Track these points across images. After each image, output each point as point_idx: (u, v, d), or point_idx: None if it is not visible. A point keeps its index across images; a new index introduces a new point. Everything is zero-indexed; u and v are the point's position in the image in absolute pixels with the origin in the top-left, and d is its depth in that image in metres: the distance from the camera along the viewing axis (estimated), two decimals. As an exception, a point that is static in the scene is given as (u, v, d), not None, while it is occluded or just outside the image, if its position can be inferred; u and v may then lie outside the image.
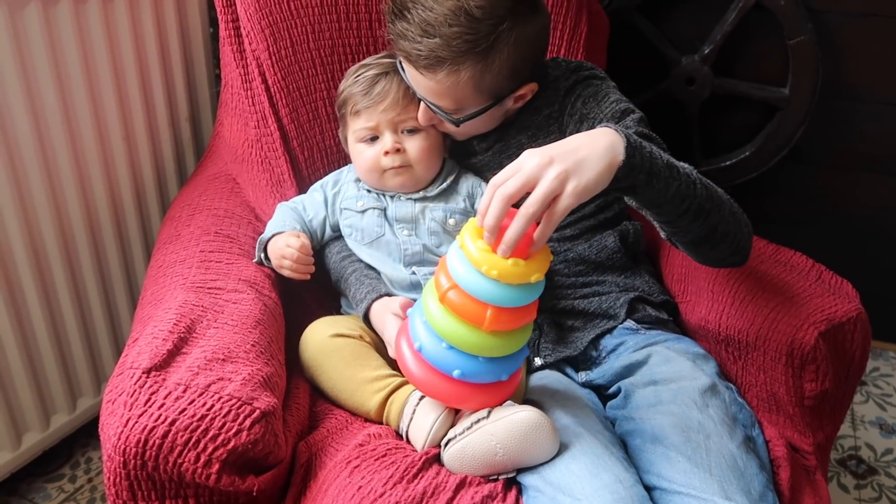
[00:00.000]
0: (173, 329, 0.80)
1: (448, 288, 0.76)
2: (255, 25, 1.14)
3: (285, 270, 1.00)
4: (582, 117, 0.99)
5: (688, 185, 0.78)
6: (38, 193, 1.12)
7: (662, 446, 0.81)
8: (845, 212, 1.60)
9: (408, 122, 1.02)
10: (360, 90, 1.02)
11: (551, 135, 1.02)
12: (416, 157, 1.02)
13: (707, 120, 1.54)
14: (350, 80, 1.04)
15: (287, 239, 1.00)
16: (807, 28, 1.39)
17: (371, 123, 1.02)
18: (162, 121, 1.32)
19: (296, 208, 1.08)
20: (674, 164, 0.77)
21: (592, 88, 1.00)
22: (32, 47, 1.06)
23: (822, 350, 0.87)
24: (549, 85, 1.04)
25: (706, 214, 0.80)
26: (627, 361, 0.95)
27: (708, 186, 0.81)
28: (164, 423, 0.69)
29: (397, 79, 1.01)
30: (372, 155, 1.02)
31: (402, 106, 1.01)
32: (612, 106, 0.95)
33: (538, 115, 1.04)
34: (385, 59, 1.05)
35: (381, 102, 1.00)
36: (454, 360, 0.79)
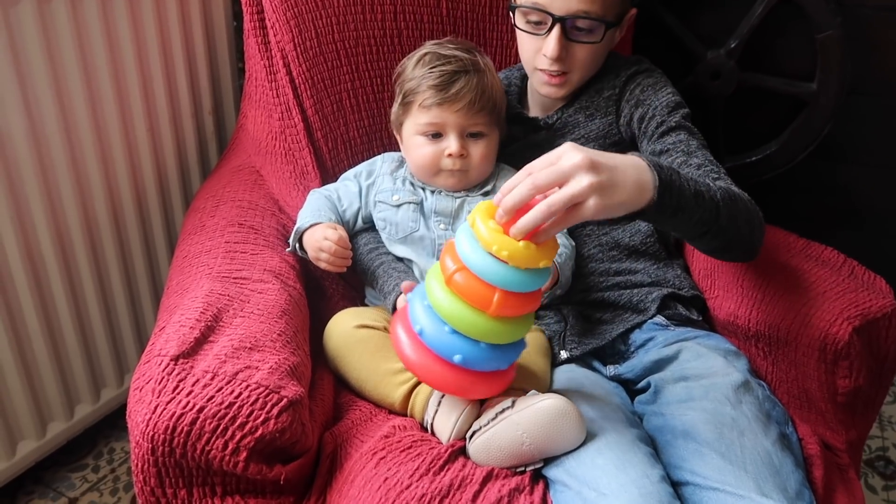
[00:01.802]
0: (200, 317, 0.80)
1: (455, 270, 0.74)
2: (281, 17, 1.13)
3: (322, 263, 1.00)
4: (638, 102, 1.02)
5: (711, 211, 0.78)
6: (64, 185, 1.13)
7: (695, 442, 0.79)
8: (873, 209, 1.58)
9: (475, 126, 1.00)
10: (436, 84, 0.98)
11: (608, 115, 1.05)
12: (476, 162, 1.01)
13: (732, 115, 1.52)
14: (423, 69, 1.00)
15: (325, 231, 0.99)
16: (835, 22, 1.37)
17: (439, 121, 0.99)
18: (186, 113, 1.33)
19: (330, 197, 1.08)
20: (701, 193, 0.77)
21: (652, 79, 1.04)
22: (61, 41, 1.07)
23: (857, 346, 0.85)
24: (611, 70, 1.07)
25: (724, 232, 0.82)
26: (657, 356, 0.94)
27: (730, 204, 0.82)
28: (193, 411, 0.69)
29: (476, 79, 0.98)
30: (432, 152, 1.01)
31: (476, 110, 0.98)
32: (668, 97, 1.01)
33: (598, 97, 1.06)
34: (463, 54, 1.00)
35: (455, 103, 0.97)
36: (456, 345, 0.76)
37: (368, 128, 1.20)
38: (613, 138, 1.06)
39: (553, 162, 0.69)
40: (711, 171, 0.92)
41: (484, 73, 0.99)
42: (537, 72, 1.05)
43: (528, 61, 1.06)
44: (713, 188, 0.80)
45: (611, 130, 1.05)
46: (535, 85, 1.09)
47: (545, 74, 1.03)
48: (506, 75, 1.19)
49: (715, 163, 0.95)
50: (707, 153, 0.96)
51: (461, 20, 1.23)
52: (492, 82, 1.00)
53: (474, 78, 0.98)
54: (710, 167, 0.93)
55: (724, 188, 0.83)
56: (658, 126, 1.00)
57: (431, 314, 0.78)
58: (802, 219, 1.60)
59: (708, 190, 0.79)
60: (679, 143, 0.97)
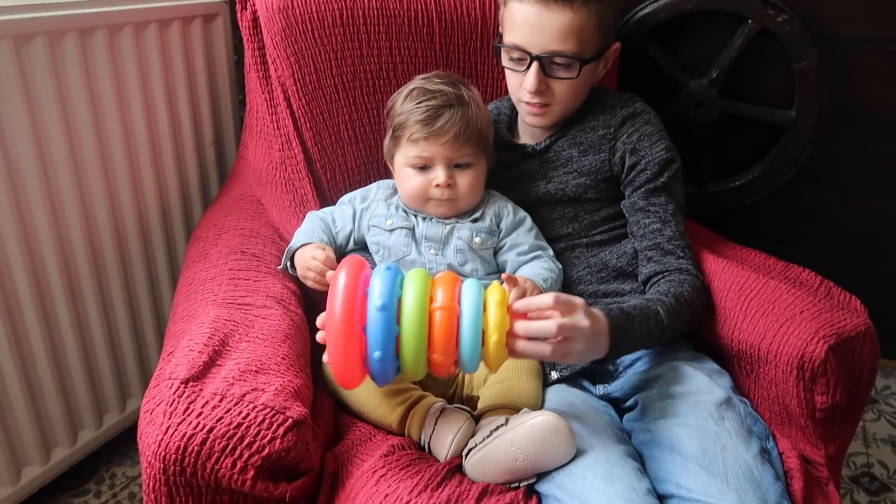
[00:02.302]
0: (208, 342, 0.84)
1: (445, 306, 0.77)
2: (281, 52, 1.19)
3: (309, 281, 1.04)
4: (634, 150, 1.09)
5: (658, 337, 0.95)
6: (71, 214, 1.17)
7: (680, 456, 0.83)
8: (853, 231, 1.63)
9: (462, 157, 1.04)
10: (422, 119, 1.02)
11: (602, 153, 1.11)
12: (464, 191, 1.05)
13: (716, 141, 1.57)
14: (410, 105, 1.04)
15: (313, 251, 1.03)
16: (811, 52, 1.43)
17: (426, 154, 1.03)
18: (188, 145, 1.37)
19: (325, 219, 1.12)
20: (649, 332, 0.93)
21: (650, 128, 1.11)
22: (70, 76, 1.11)
23: (833, 363, 0.89)
24: (605, 108, 1.13)
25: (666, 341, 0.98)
26: (645, 375, 0.98)
27: (676, 319, 0.97)
28: (203, 431, 0.72)
29: (461, 112, 1.03)
30: (420, 183, 1.05)
31: (461, 142, 1.02)
32: (661, 153, 1.09)
33: (593, 134, 1.11)
34: (448, 88, 1.04)
35: (441, 136, 1.02)
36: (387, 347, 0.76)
37: (365, 158, 1.25)
38: (605, 174, 1.11)
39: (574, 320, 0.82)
40: (678, 246, 1.06)
41: (468, 106, 1.04)
42: (521, 103, 1.11)
43: (514, 94, 1.13)
44: (663, 317, 0.95)
45: (602, 167, 1.11)
46: (522, 115, 1.15)
47: (528, 106, 1.10)
48: (496, 105, 1.24)
49: (683, 235, 1.08)
50: (680, 221, 1.09)
51: (454, 54, 1.28)
52: (476, 114, 1.05)
53: (458, 111, 1.03)
54: (678, 241, 1.07)
55: (675, 303, 0.97)
56: (647, 181, 1.08)
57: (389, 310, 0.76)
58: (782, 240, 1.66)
59: (658, 324, 0.94)
60: (658, 209, 1.08)
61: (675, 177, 1.10)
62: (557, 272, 1.07)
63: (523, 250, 1.08)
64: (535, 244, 1.09)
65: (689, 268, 1.04)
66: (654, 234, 1.07)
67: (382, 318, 0.75)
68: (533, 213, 1.13)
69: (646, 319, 0.93)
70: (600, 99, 1.15)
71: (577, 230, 1.13)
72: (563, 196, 1.12)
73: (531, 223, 1.11)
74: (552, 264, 1.08)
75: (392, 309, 0.76)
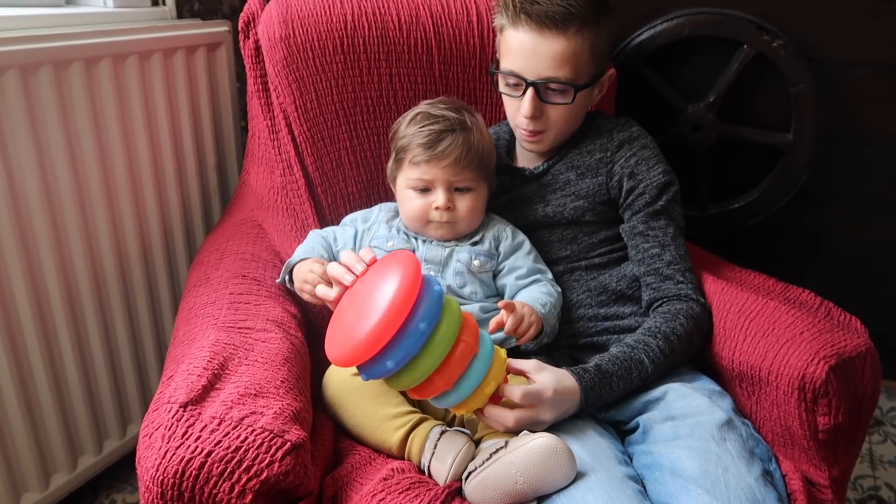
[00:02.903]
0: (207, 366, 0.84)
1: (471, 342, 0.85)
2: (283, 80, 1.20)
3: (305, 294, 1.04)
4: (632, 174, 1.11)
5: (643, 381, 0.98)
6: (74, 239, 1.18)
7: (682, 479, 0.83)
8: (854, 253, 1.63)
9: (463, 181, 1.06)
10: (424, 142, 1.04)
11: (599, 176, 1.12)
12: (463, 214, 1.07)
13: (715, 164, 1.58)
14: (414, 128, 1.06)
15: (311, 265, 1.04)
16: (807, 77, 1.45)
17: (427, 177, 1.05)
18: (191, 170, 1.39)
19: (326, 237, 1.13)
20: (630, 380, 0.97)
21: (648, 152, 1.12)
22: (75, 102, 1.13)
23: (834, 384, 0.89)
24: (602, 133, 1.14)
25: (658, 381, 1.00)
26: (645, 398, 0.98)
27: (666, 358, 0.99)
28: (201, 455, 0.72)
29: (462, 137, 1.04)
30: (421, 205, 1.06)
31: (462, 166, 1.04)
32: (659, 177, 1.10)
33: (590, 158, 1.13)
34: (451, 114, 1.06)
35: (442, 160, 1.03)
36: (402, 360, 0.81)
37: (366, 183, 1.26)
38: (602, 197, 1.12)
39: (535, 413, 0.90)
40: (677, 270, 1.07)
41: (470, 132, 1.05)
42: (518, 129, 1.13)
43: (511, 119, 1.15)
44: (647, 364, 0.97)
45: (600, 190, 1.12)
46: (519, 140, 1.17)
47: (524, 132, 1.11)
48: (495, 130, 1.25)
49: (683, 259, 1.09)
50: (680, 244, 1.10)
51: (453, 81, 1.30)
52: (478, 139, 1.06)
53: (460, 136, 1.04)
54: (678, 265, 1.08)
55: (664, 343, 0.99)
56: (646, 205, 1.09)
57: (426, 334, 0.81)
58: (783, 261, 1.66)
59: (640, 372, 0.97)
60: (658, 233, 1.09)
61: (673, 199, 1.11)
62: (556, 296, 1.07)
63: (522, 274, 1.08)
64: (533, 268, 1.10)
65: (688, 293, 1.05)
66: (653, 259, 1.08)
67: (418, 338, 0.81)
68: (532, 235, 1.14)
69: (626, 373, 0.96)
70: (597, 123, 1.16)
71: (575, 252, 1.14)
72: (561, 218, 1.13)
73: (530, 246, 1.12)
74: (551, 288, 1.08)
75: (427, 336, 0.81)
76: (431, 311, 0.81)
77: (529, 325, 0.98)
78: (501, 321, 0.95)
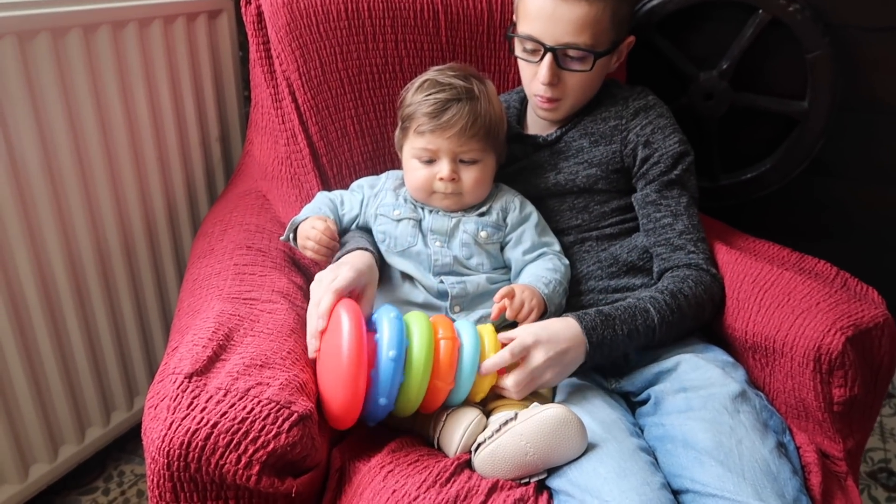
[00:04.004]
0: (212, 336, 0.83)
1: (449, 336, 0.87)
2: (286, 47, 1.18)
3: (308, 251, 1.03)
4: (647, 143, 1.08)
5: (647, 336, 0.95)
6: (76, 212, 1.17)
7: (694, 451, 0.81)
8: (868, 223, 1.60)
9: (468, 152, 1.03)
10: (429, 112, 1.01)
11: (613, 144, 1.10)
12: (468, 186, 1.04)
13: (727, 134, 1.55)
14: (419, 96, 1.03)
15: (313, 221, 1.03)
16: (824, 42, 1.41)
17: (432, 147, 1.02)
18: (194, 141, 1.37)
19: (333, 200, 1.11)
20: (635, 330, 0.94)
21: (664, 120, 1.10)
22: (74, 71, 1.11)
23: (850, 356, 0.87)
24: (617, 100, 1.12)
25: (663, 342, 0.98)
26: (657, 369, 0.96)
27: (671, 319, 0.96)
28: (207, 426, 0.71)
29: (469, 107, 1.01)
30: (425, 175, 1.04)
31: (468, 136, 1.01)
32: (675, 146, 1.08)
33: (604, 125, 1.11)
34: (459, 82, 1.02)
35: (447, 130, 1.00)
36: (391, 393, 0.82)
37: (372, 152, 1.24)
38: (616, 166, 1.10)
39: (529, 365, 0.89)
40: (689, 240, 1.05)
41: (477, 101, 1.02)
42: (534, 95, 1.10)
43: (526, 85, 1.12)
44: (653, 314, 0.95)
45: (614, 158, 1.09)
46: (533, 107, 1.14)
47: (539, 98, 1.08)
48: (505, 98, 1.22)
49: (696, 229, 1.07)
50: (693, 214, 1.08)
51: (460, 47, 1.27)
52: (486, 109, 1.03)
53: (466, 105, 1.01)
54: (689, 235, 1.06)
55: (671, 299, 0.97)
56: (660, 175, 1.07)
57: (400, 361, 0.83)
58: (796, 232, 1.63)
59: (645, 320, 0.95)
60: (671, 202, 1.07)
61: (688, 170, 1.09)
62: (563, 270, 1.05)
63: (528, 248, 1.06)
64: (540, 241, 1.08)
65: (698, 262, 1.03)
66: (664, 229, 1.06)
67: (394, 367, 0.82)
68: (542, 204, 1.12)
69: (631, 318, 0.94)
70: (612, 91, 1.14)
71: (586, 221, 1.12)
72: (573, 187, 1.11)
73: (538, 218, 1.10)
74: (557, 262, 1.06)
75: (402, 359, 0.83)
76: (395, 339, 0.83)
77: (531, 310, 0.96)
78: (503, 308, 0.94)
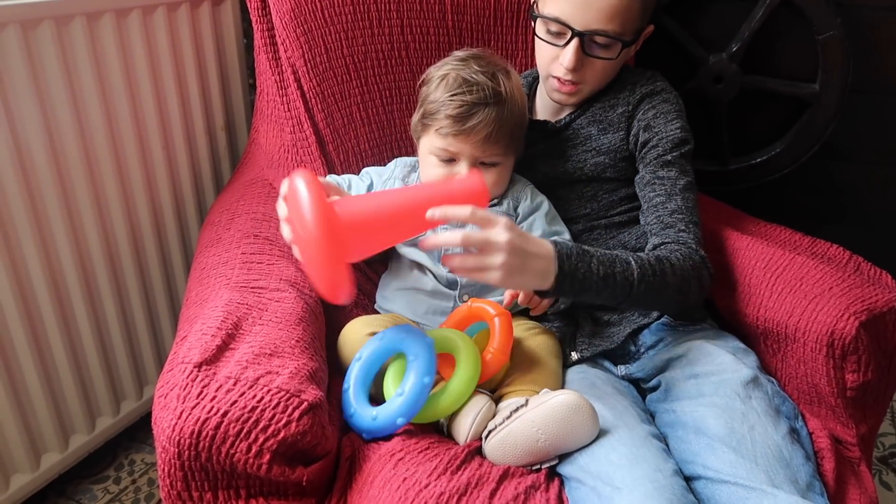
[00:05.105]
0: (221, 325, 0.82)
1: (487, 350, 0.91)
2: (291, 33, 1.16)
3: None
4: (648, 126, 1.05)
5: (623, 289, 0.88)
6: (83, 202, 1.16)
7: (706, 437, 0.81)
8: (877, 206, 1.59)
9: (490, 157, 1.01)
10: (453, 115, 0.97)
11: (620, 131, 1.07)
12: None
13: (736, 117, 1.53)
14: (443, 94, 0.99)
15: None
16: (835, 23, 1.39)
17: (453, 149, 1.00)
18: (199, 130, 1.36)
19: (341, 183, 1.10)
20: (611, 276, 0.87)
21: (668, 106, 1.06)
22: (77, 60, 1.10)
23: (864, 340, 0.86)
24: (625, 86, 1.09)
25: (639, 304, 0.93)
26: (667, 355, 0.96)
27: (652, 281, 0.89)
28: (217, 415, 0.71)
29: (495, 113, 0.97)
30: (443, 174, 1.02)
31: (492, 143, 0.98)
32: (676, 132, 1.04)
33: (612, 112, 1.08)
34: (486, 81, 0.98)
35: (471, 136, 0.97)
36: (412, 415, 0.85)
37: (379, 139, 1.23)
38: (623, 153, 1.08)
39: (487, 232, 0.79)
40: (680, 219, 0.99)
41: (504, 104, 0.98)
42: (551, 78, 1.07)
43: (544, 67, 1.08)
44: (634, 267, 0.89)
45: (621, 146, 1.08)
46: (547, 90, 1.11)
47: (557, 81, 1.06)
48: None
49: (689, 210, 1.01)
50: (688, 197, 1.02)
51: (466, 31, 1.26)
52: (511, 111, 1.00)
53: (493, 111, 0.97)
54: (681, 215, 1.00)
55: (655, 261, 0.91)
56: (657, 157, 1.04)
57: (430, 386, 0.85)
58: (808, 217, 1.62)
59: (624, 270, 0.88)
60: (666, 182, 1.02)
61: (686, 156, 1.05)
62: None
63: (538, 236, 1.05)
64: (550, 230, 1.07)
65: (688, 241, 0.98)
66: (657, 208, 1.02)
67: (424, 392, 0.84)
68: (551, 193, 1.11)
69: (610, 263, 0.87)
70: (623, 76, 1.11)
71: (595, 210, 1.10)
72: (581, 175, 1.09)
73: (548, 207, 1.09)
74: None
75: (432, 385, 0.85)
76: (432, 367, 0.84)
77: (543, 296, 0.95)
78: (515, 294, 0.93)
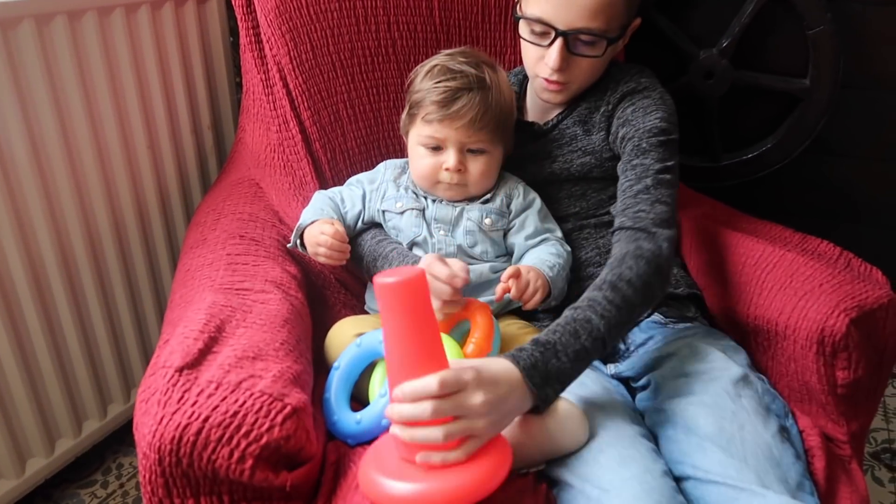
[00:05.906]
0: (204, 329, 0.81)
1: None
2: (276, 31, 1.15)
3: (320, 257, 1.01)
4: (626, 122, 1.02)
5: (597, 348, 0.81)
6: (67, 202, 1.15)
7: (696, 436, 0.80)
8: (867, 201, 1.58)
9: (476, 143, 1.00)
10: (438, 100, 0.98)
11: (602, 131, 1.06)
12: (474, 178, 1.02)
13: (727, 113, 1.53)
14: (428, 83, 1.00)
15: (321, 226, 1.01)
16: (826, 18, 1.38)
17: (439, 136, 1.00)
18: (185, 129, 1.35)
19: (333, 199, 1.09)
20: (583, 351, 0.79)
21: (648, 101, 1.03)
22: (60, 59, 1.09)
23: (854, 337, 0.86)
24: (609, 84, 1.07)
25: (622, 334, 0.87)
26: (657, 354, 0.95)
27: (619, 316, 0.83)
28: (198, 420, 0.70)
29: (479, 97, 0.98)
30: (431, 164, 1.02)
31: (477, 128, 0.98)
32: (654, 122, 1.00)
33: (596, 113, 1.07)
34: (471, 70, 0.99)
35: (456, 120, 0.98)
36: None
37: (366, 137, 1.21)
38: (608, 153, 1.07)
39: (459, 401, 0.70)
40: (645, 199, 0.94)
41: (488, 91, 0.99)
42: (538, 78, 1.06)
43: (530, 68, 1.07)
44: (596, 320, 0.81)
45: (605, 146, 1.06)
46: (536, 90, 1.10)
47: (545, 81, 1.05)
48: None
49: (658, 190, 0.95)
50: (662, 179, 0.96)
51: (454, 28, 1.24)
52: (496, 99, 1.00)
53: (477, 95, 0.98)
54: (647, 195, 0.94)
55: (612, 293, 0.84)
56: (634, 147, 1.00)
57: None
58: (798, 213, 1.61)
59: (590, 332, 0.80)
60: (638, 168, 0.98)
61: (665, 146, 0.99)
62: (566, 256, 1.04)
63: (531, 233, 1.05)
64: (543, 227, 1.06)
65: (644, 221, 0.91)
66: (624, 192, 0.97)
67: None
68: (541, 192, 1.10)
69: (573, 338, 0.79)
70: (611, 72, 1.09)
71: (584, 209, 1.10)
72: (568, 175, 1.08)
73: (541, 204, 1.08)
74: (560, 248, 1.04)
75: None
76: None
77: (535, 291, 0.94)
78: (507, 288, 0.92)
